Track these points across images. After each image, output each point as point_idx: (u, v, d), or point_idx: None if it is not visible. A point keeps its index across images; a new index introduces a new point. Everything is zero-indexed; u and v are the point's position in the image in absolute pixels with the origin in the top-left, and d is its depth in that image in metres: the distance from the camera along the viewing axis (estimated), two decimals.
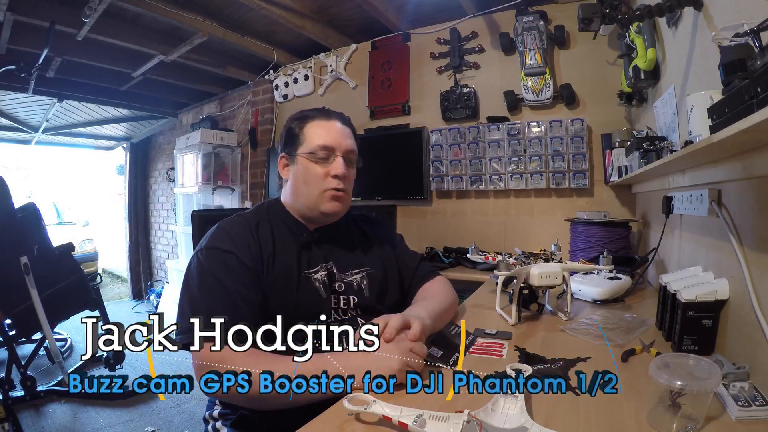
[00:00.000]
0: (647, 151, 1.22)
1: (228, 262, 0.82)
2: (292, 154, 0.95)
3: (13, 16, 2.29)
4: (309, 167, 0.92)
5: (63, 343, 3.43)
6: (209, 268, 0.82)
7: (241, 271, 0.83)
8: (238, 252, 0.84)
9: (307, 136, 0.94)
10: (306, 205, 0.94)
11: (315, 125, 0.95)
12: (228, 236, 0.86)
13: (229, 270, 0.82)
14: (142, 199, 5.39)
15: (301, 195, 0.94)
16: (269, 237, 0.90)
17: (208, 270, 0.82)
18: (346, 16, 2.68)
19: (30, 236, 2.30)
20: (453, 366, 0.74)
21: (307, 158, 0.92)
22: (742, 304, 0.70)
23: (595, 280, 1.24)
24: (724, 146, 0.62)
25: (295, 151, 0.94)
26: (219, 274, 0.81)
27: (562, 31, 2.11)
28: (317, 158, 0.92)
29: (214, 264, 0.82)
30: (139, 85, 3.62)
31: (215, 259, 0.83)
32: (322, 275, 0.91)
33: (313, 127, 0.95)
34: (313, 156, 0.92)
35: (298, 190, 0.94)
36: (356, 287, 0.94)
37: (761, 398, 0.55)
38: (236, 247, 0.84)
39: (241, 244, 0.85)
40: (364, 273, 0.97)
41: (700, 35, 0.99)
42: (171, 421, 2.26)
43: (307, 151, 0.93)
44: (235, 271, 0.82)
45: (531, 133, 2.19)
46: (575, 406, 0.59)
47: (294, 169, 0.95)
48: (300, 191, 0.94)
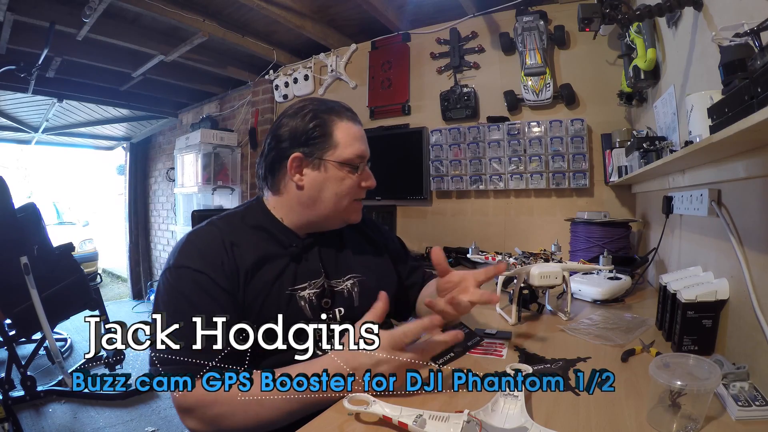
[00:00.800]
0: (647, 151, 1.22)
1: (200, 283, 0.73)
2: (317, 157, 0.82)
3: (13, 16, 2.29)
4: (344, 177, 0.83)
5: (63, 343, 3.44)
6: (180, 288, 0.73)
7: (215, 292, 0.73)
8: (209, 271, 0.74)
9: (340, 140, 0.82)
10: (326, 214, 0.84)
11: (347, 128, 0.84)
12: (198, 252, 0.76)
13: (201, 292, 0.73)
14: (142, 199, 5.39)
15: (324, 204, 0.83)
16: (248, 252, 0.79)
17: (179, 291, 0.73)
18: (346, 16, 2.68)
19: (30, 236, 2.30)
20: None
21: (341, 167, 0.82)
22: (742, 304, 0.70)
23: (595, 280, 1.24)
24: (724, 146, 0.62)
25: (323, 155, 0.82)
26: (191, 296, 0.72)
27: (562, 31, 2.11)
28: (350, 168, 0.83)
29: (184, 284, 0.73)
30: (139, 85, 3.62)
31: (186, 279, 0.73)
32: (310, 293, 0.82)
33: (346, 130, 0.83)
34: (348, 166, 0.83)
35: (319, 200, 0.83)
36: (346, 295, 0.86)
37: (761, 398, 0.55)
38: (207, 265, 0.74)
39: (214, 262, 0.75)
40: (355, 280, 0.89)
41: (700, 35, 0.99)
42: (171, 421, 2.26)
43: (343, 159, 0.82)
44: (209, 292, 0.73)
45: (531, 133, 2.19)
46: (575, 406, 0.59)
47: (316, 176, 0.82)
48: (324, 201, 0.83)
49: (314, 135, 0.82)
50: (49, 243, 2.45)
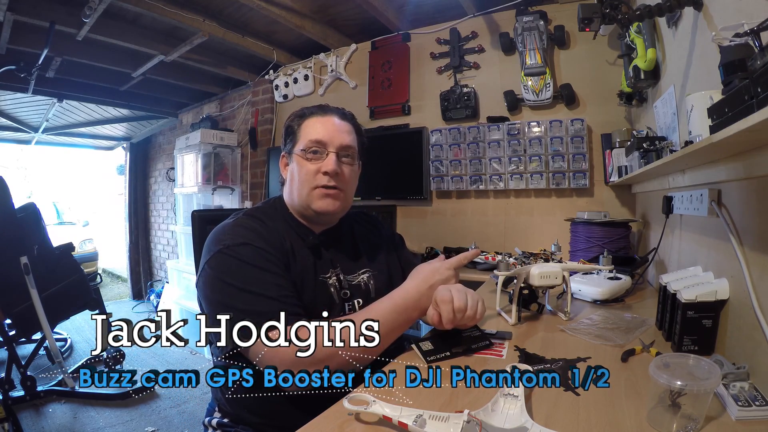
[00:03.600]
0: (647, 151, 1.22)
1: (263, 256, 0.79)
2: (290, 153, 0.93)
3: (13, 16, 2.29)
4: (301, 165, 0.90)
5: (63, 343, 3.44)
6: (248, 261, 0.77)
7: (278, 262, 0.80)
8: (268, 248, 0.81)
9: (303, 133, 0.91)
10: (300, 204, 0.91)
11: (312, 121, 0.92)
12: (253, 232, 0.83)
13: (267, 262, 0.79)
14: (142, 199, 5.39)
15: (295, 194, 0.91)
16: (284, 239, 0.87)
17: (248, 263, 0.77)
18: (346, 16, 2.68)
19: (30, 236, 2.30)
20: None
21: (301, 155, 0.90)
22: (742, 304, 0.70)
23: (595, 280, 1.24)
24: (724, 146, 0.62)
25: (292, 149, 0.92)
26: (260, 264, 0.78)
27: (562, 31, 2.11)
28: (308, 154, 0.89)
29: (250, 258, 0.78)
30: (139, 85, 3.62)
31: (249, 254, 0.78)
32: (334, 281, 0.90)
33: (310, 124, 0.92)
34: (304, 153, 0.90)
35: (293, 189, 0.92)
36: (363, 287, 0.94)
37: (761, 398, 0.55)
38: (265, 243, 0.81)
39: (268, 240, 0.82)
40: (370, 274, 0.96)
41: (700, 35, 0.99)
42: (171, 421, 2.26)
43: (300, 148, 0.90)
44: (273, 263, 0.79)
45: (531, 133, 2.19)
46: (575, 406, 0.59)
47: (290, 168, 0.93)
48: (294, 190, 0.92)
49: (289, 135, 0.95)
50: (49, 243, 2.45)
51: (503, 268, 1.00)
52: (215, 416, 0.89)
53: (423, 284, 0.83)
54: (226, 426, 0.86)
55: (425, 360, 0.75)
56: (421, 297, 0.82)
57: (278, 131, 3.34)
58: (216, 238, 0.82)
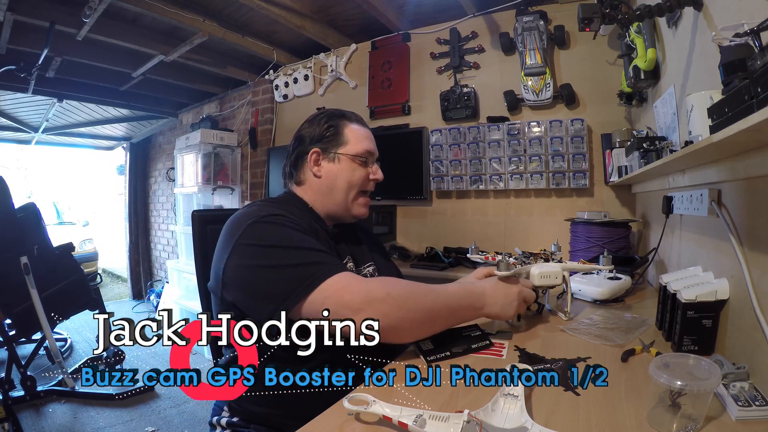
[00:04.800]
0: (647, 151, 1.22)
1: (299, 225, 0.82)
2: (331, 151, 0.96)
3: (13, 16, 2.29)
4: (354, 168, 0.97)
5: (63, 343, 3.44)
6: (287, 225, 0.79)
7: (310, 233, 0.83)
8: (298, 221, 0.83)
9: (350, 138, 0.97)
10: (340, 203, 0.96)
11: (356, 129, 0.99)
12: (281, 208, 0.85)
13: (303, 229, 0.81)
14: (142, 199, 5.39)
15: (337, 193, 0.96)
16: (306, 222, 0.89)
17: (287, 226, 0.79)
18: (346, 16, 2.68)
19: (30, 236, 2.30)
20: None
21: (352, 159, 0.96)
22: (742, 304, 0.70)
23: (595, 280, 1.24)
24: (724, 146, 0.62)
25: (335, 149, 0.96)
26: (299, 228, 0.80)
27: (562, 31, 2.11)
28: (361, 160, 0.97)
29: (288, 223, 0.80)
30: (139, 85, 3.62)
31: (287, 221, 0.80)
32: (351, 266, 0.95)
33: (355, 131, 0.98)
34: (358, 158, 0.97)
35: (334, 188, 0.96)
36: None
37: (761, 398, 0.55)
38: (297, 221, 0.83)
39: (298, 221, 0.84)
40: (373, 268, 1.03)
41: (700, 35, 0.99)
42: (171, 421, 2.26)
43: (353, 153, 0.96)
44: (307, 232, 0.82)
45: (531, 133, 2.19)
46: (575, 406, 0.59)
47: (331, 167, 0.96)
48: (338, 189, 0.96)
49: (328, 134, 0.97)
50: (49, 243, 2.45)
51: (503, 267, 0.99)
52: (224, 415, 0.88)
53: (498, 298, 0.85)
54: (237, 425, 0.85)
55: (425, 359, 0.75)
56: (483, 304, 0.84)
57: (278, 131, 3.34)
58: (241, 218, 0.81)
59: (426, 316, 0.75)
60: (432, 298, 0.77)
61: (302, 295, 0.71)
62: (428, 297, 0.77)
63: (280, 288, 0.72)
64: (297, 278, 0.72)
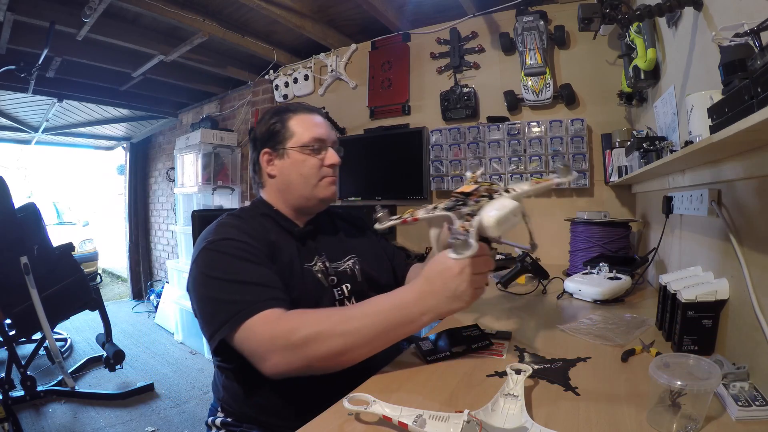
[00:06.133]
0: (647, 151, 1.22)
1: (246, 248, 0.81)
2: (278, 148, 0.96)
3: (13, 16, 2.29)
4: (305, 159, 0.95)
5: (63, 343, 3.44)
6: (228, 252, 0.79)
7: (260, 253, 0.82)
8: (250, 240, 0.83)
9: (295, 130, 0.96)
10: (302, 195, 0.96)
11: (300, 119, 0.97)
12: (234, 228, 0.85)
13: (249, 254, 0.80)
14: (142, 199, 5.39)
15: (295, 187, 0.95)
16: (267, 234, 0.90)
17: (227, 254, 0.79)
18: (346, 16, 2.68)
19: (30, 236, 2.30)
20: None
21: (300, 151, 0.95)
22: (742, 304, 0.70)
23: (595, 280, 1.24)
24: (724, 146, 0.62)
25: (282, 146, 0.96)
26: (243, 255, 0.79)
27: (562, 31, 2.11)
28: (310, 150, 0.95)
29: (231, 250, 0.80)
30: (139, 85, 3.62)
31: (231, 246, 0.80)
32: (320, 267, 0.93)
33: (299, 121, 0.97)
34: (306, 148, 0.95)
35: (291, 183, 0.96)
36: (349, 272, 0.98)
37: (761, 398, 0.55)
38: (247, 237, 0.83)
39: (251, 234, 0.85)
40: (355, 260, 1.01)
41: (700, 35, 0.99)
42: (171, 421, 2.26)
43: (299, 144, 0.95)
44: (256, 255, 0.81)
45: (531, 133, 2.19)
46: (575, 406, 0.59)
47: (283, 164, 0.96)
48: (294, 183, 0.95)
49: (274, 131, 0.97)
50: (49, 243, 2.44)
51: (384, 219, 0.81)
52: (218, 416, 0.89)
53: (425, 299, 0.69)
54: (230, 425, 0.86)
55: (425, 360, 0.75)
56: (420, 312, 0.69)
57: None
58: (202, 238, 0.86)
59: (342, 350, 0.68)
60: (350, 328, 0.68)
61: (225, 333, 0.72)
62: (344, 330, 0.68)
63: (212, 322, 0.74)
64: (223, 318, 0.72)
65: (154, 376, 2.81)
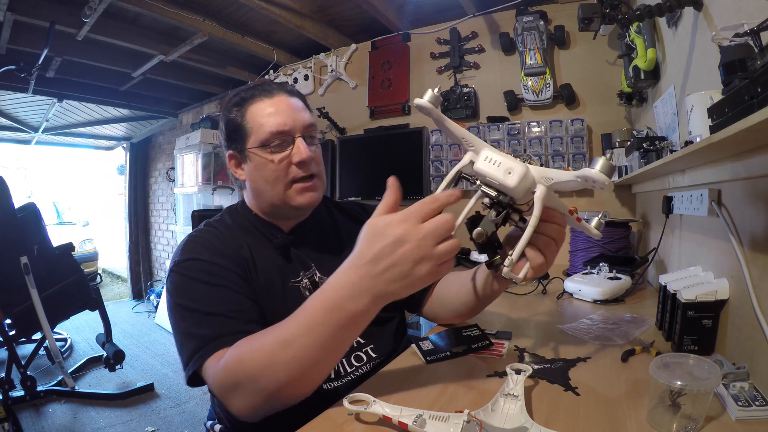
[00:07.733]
0: (647, 151, 1.22)
1: (211, 272, 0.71)
2: (240, 150, 0.80)
3: (13, 16, 2.29)
4: (265, 161, 0.77)
5: (63, 343, 3.44)
6: (192, 277, 0.70)
7: (229, 275, 0.72)
8: (218, 260, 0.73)
9: (254, 124, 0.78)
10: (273, 203, 0.81)
11: (260, 107, 0.79)
12: (203, 246, 0.75)
13: (216, 277, 0.71)
14: (142, 199, 5.40)
15: (264, 194, 0.81)
16: (244, 245, 0.79)
17: (195, 279, 0.70)
18: (346, 16, 2.68)
19: (30, 236, 2.30)
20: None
21: (260, 151, 0.77)
22: (742, 304, 0.70)
23: (595, 280, 1.24)
24: (724, 146, 0.62)
25: (243, 146, 0.79)
26: (208, 280, 0.70)
27: (562, 31, 2.11)
28: (271, 148, 0.77)
29: (197, 274, 0.71)
30: (139, 85, 3.62)
31: (196, 269, 0.71)
32: (306, 283, 0.81)
33: (255, 113, 0.79)
34: (265, 147, 0.77)
35: (259, 190, 0.81)
36: None
37: (761, 398, 0.55)
38: (215, 255, 0.73)
39: (222, 252, 0.75)
40: None
41: (700, 35, 0.99)
42: (171, 421, 2.26)
43: (257, 144, 0.77)
44: (223, 276, 0.71)
45: (531, 133, 2.19)
46: (575, 406, 0.59)
47: (248, 168, 0.81)
48: (262, 190, 0.80)
49: (233, 129, 0.81)
50: (49, 243, 2.45)
51: None
52: (216, 421, 0.87)
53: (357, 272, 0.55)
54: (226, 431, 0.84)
55: (425, 360, 0.75)
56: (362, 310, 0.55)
57: None
58: (173, 255, 0.77)
59: (291, 379, 0.56)
60: (290, 355, 0.56)
61: (190, 372, 0.65)
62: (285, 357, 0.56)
63: (181, 354, 0.67)
64: (188, 353, 0.65)
65: (154, 376, 2.81)
